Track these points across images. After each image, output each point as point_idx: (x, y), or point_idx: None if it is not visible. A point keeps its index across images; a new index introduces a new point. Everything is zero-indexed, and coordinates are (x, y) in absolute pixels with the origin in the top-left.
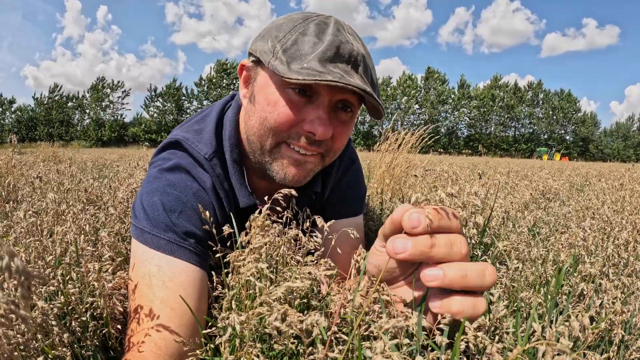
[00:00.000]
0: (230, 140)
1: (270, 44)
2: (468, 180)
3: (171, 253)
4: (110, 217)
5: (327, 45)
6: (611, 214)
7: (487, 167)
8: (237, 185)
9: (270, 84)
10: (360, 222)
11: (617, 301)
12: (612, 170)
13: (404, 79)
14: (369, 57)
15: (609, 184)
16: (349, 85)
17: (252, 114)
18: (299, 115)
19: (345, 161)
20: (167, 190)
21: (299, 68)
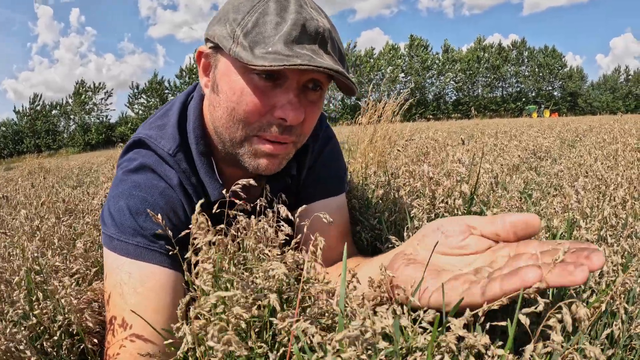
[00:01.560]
0: (195, 132)
1: (229, 28)
2: (453, 146)
3: (141, 258)
4: (86, 225)
5: (292, 25)
6: (605, 170)
7: (475, 129)
8: (206, 179)
9: (233, 71)
10: (343, 201)
11: (617, 268)
12: (602, 123)
13: (387, 49)
14: (335, 31)
15: (600, 137)
16: (320, 67)
17: (217, 105)
18: (268, 101)
19: (320, 140)
20: (132, 192)
21: (264, 53)
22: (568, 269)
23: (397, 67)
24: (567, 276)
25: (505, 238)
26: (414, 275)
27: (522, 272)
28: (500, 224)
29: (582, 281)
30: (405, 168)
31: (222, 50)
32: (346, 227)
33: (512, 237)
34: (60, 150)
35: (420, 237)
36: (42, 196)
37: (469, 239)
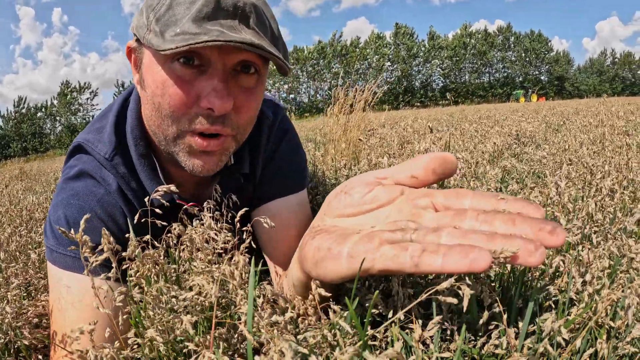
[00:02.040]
0: (133, 134)
1: (144, 15)
2: (421, 135)
3: (79, 270)
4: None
5: (205, 1)
6: (591, 157)
7: (460, 115)
8: (147, 182)
9: (154, 63)
10: (304, 198)
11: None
12: (589, 106)
13: (373, 38)
14: (265, 6)
15: (586, 120)
16: (230, 42)
17: (145, 101)
18: (192, 90)
19: (276, 132)
20: (70, 201)
21: (172, 35)
22: (527, 247)
23: (384, 55)
24: (527, 257)
25: (424, 178)
26: (319, 245)
27: (471, 254)
28: (415, 164)
29: (539, 264)
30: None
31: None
32: (307, 224)
33: (432, 175)
34: (47, 152)
35: (326, 207)
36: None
37: (377, 190)
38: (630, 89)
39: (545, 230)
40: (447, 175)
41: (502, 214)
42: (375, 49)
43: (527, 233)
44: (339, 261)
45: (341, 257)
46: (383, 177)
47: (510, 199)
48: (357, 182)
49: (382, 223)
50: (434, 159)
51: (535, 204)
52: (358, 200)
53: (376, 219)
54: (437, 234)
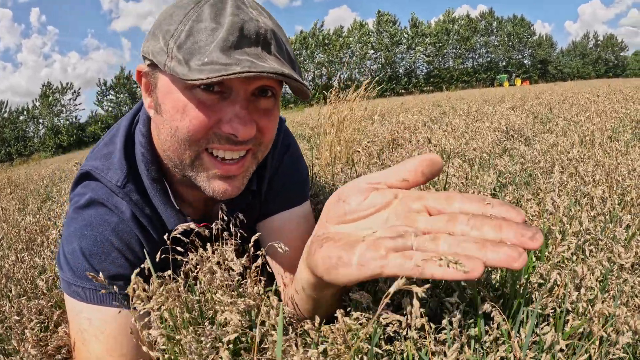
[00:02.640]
0: (144, 158)
1: (162, 41)
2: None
3: (99, 302)
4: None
5: (228, 29)
6: (581, 158)
7: (447, 104)
8: (161, 207)
9: (174, 89)
10: (307, 209)
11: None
12: (574, 92)
13: (355, 26)
14: (281, 30)
15: (573, 112)
16: (263, 73)
17: (161, 126)
18: (214, 116)
19: (279, 149)
20: (84, 232)
21: (200, 64)
22: (512, 255)
23: (367, 44)
24: (511, 262)
25: (415, 180)
26: (328, 253)
27: (467, 263)
28: (404, 168)
29: (520, 268)
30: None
31: (160, 68)
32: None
33: (421, 177)
34: (32, 156)
35: (326, 214)
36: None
37: (372, 196)
38: (613, 70)
39: (526, 236)
40: (435, 175)
41: (490, 219)
42: (359, 37)
43: (511, 238)
44: (350, 269)
45: (351, 265)
46: (376, 183)
47: (496, 203)
48: (352, 190)
49: (381, 227)
50: (422, 161)
51: (517, 209)
52: (356, 207)
53: (375, 223)
54: (436, 242)
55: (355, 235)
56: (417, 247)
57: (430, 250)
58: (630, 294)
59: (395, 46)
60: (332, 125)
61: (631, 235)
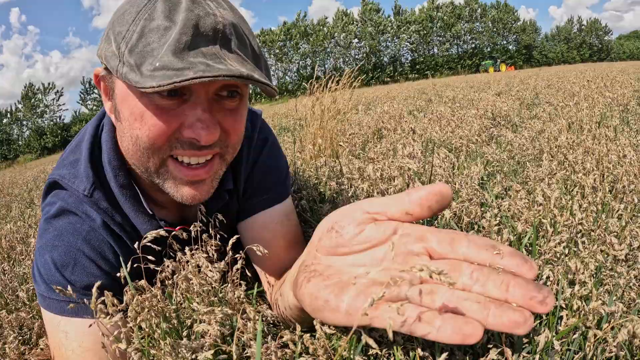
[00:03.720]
0: (111, 165)
1: (114, 44)
2: (397, 121)
3: (74, 314)
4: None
5: (181, 28)
6: (570, 145)
7: (432, 92)
8: (132, 214)
9: (130, 94)
10: (289, 206)
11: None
12: (560, 77)
13: (339, 15)
14: (243, 22)
15: (561, 98)
16: (219, 77)
17: (122, 133)
18: (174, 121)
19: (256, 143)
20: (55, 243)
21: (152, 70)
22: (517, 320)
23: (350, 33)
24: (515, 328)
25: (419, 215)
26: (316, 293)
27: (464, 330)
28: (409, 200)
29: (524, 334)
30: (351, 167)
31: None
32: (295, 233)
33: (427, 212)
34: (17, 159)
35: (317, 242)
36: None
37: (369, 229)
38: (598, 55)
39: (535, 299)
40: (443, 209)
41: (496, 274)
42: (342, 26)
43: (518, 300)
44: (337, 314)
45: (339, 311)
46: (375, 212)
47: (506, 252)
48: (347, 218)
49: (376, 266)
50: (430, 195)
51: (529, 263)
52: (350, 240)
53: (370, 260)
54: (432, 297)
55: (346, 273)
56: (412, 299)
57: (426, 305)
58: (626, 287)
59: (380, 35)
60: (313, 116)
61: (624, 226)
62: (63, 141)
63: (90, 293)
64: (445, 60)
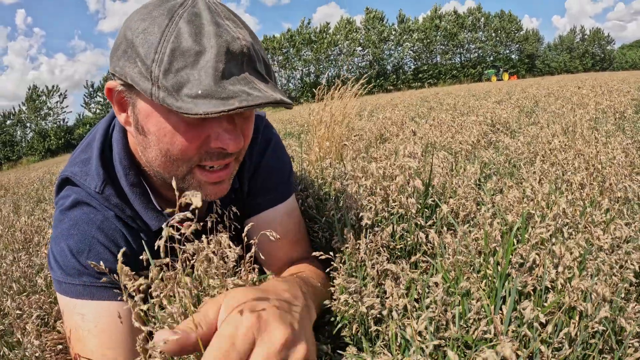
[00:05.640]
0: (122, 164)
1: (141, 65)
2: (399, 127)
3: (90, 297)
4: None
5: (216, 55)
6: (562, 148)
7: (434, 100)
8: (142, 210)
9: (156, 111)
10: (292, 204)
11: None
12: (561, 86)
13: (342, 23)
14: (254, 37)
15: (559, 104)
16: (259, 104)
17: (147, 146)
18: (202, 134)
19: (259, 144)
20: (70, 232)
21: (194, 97)
22: None
23: (354, 41)
24: None
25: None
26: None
27: None
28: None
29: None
30: (355, 166)
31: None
32: (299, 231)
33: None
34: (20, 161)
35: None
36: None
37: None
38: (600, 64)
39: None
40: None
41: None
42: (345, 34)
43: None
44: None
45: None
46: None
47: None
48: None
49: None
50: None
51: None
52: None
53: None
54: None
55: None
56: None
57: None
58: (609, 273)
59: (383, 43)
60: (321, 122)
61: (610, 219)
62: (66, 144)
63: (103, 277)
64: (448, 68)
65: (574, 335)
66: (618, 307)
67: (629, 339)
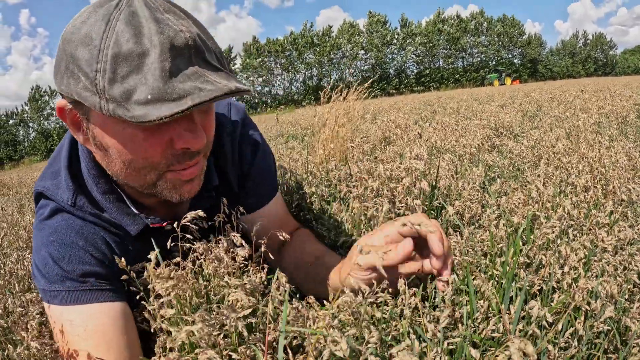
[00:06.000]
0: (90, 174)
1: (83, 78)
2: (403, 130)
3: (76, 301)
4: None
5: (160, 54)
6: (566, 151)
7: (437, 104)
8: (118, 217)
9: (112, 123)
10: (279, 202)
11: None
12: (564, 91)
13: (345, 27)
14: (200, 26)
15: (561, 108)
16: (214, 98)
17: (109, 161)
18: (163, 137)
19: (246, 144)
20: (50, 239)
21: (144, 102)
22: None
23: (357, 44)
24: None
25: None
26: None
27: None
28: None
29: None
30: (362, 167)
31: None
32: (286, 214)
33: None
34: (23, 160)
35: (353, 256)
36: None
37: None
38: (603, 69)
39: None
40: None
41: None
42: (348, 37)
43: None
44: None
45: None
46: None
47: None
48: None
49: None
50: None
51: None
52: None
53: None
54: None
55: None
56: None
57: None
58: (614, 274)
59: (386, 47)
60: (325, 125)
61: (614, 221)
62: None
63: (87, 280)
64: (450, 73)
65: (579, 334)
66: (622, 308)
67: (633, 339)
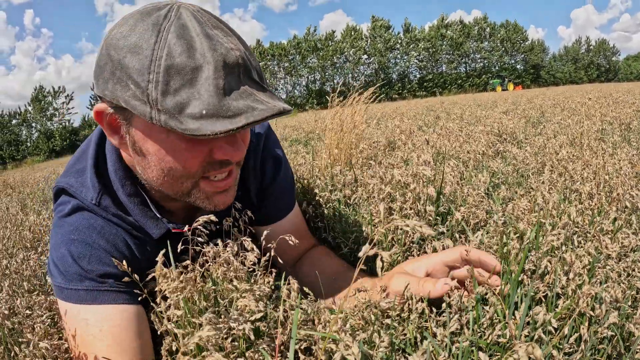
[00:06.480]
0: (117, 175)
1: (133, 87)
2: (407, 136)
3: (93, 301)
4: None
5: (215, 71)
6: (570, 158)
7: (441, 109)
8: (141, 219)
9: (155, 131)
10: (297, 213)
11: (584, 273)
12: (567, 96)
13: (348, 31)
14: (244, 44)
15: (564, 114)
16: (266, 118)
17: (147, 166)
18: (205, 148)
19: (267, 159)
20: (71, 237)
21: (198, 117)
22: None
23: (360, 49)
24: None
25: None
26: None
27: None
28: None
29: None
30: (373, 172)
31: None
32: (303, 228)
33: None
34: (25, 160)
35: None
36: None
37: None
38: (605, 75)
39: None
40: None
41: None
42: (351, 42)
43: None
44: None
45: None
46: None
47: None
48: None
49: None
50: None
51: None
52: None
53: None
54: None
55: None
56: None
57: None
58: (617, 280)
59: (389, 51)
60: (331, 129)
61: (618, 228)
62: (71, 145)
63: (106, 281)
64: (453, 78)
65: (584, 340)
66: (625, 314)
67: (636, 344)
